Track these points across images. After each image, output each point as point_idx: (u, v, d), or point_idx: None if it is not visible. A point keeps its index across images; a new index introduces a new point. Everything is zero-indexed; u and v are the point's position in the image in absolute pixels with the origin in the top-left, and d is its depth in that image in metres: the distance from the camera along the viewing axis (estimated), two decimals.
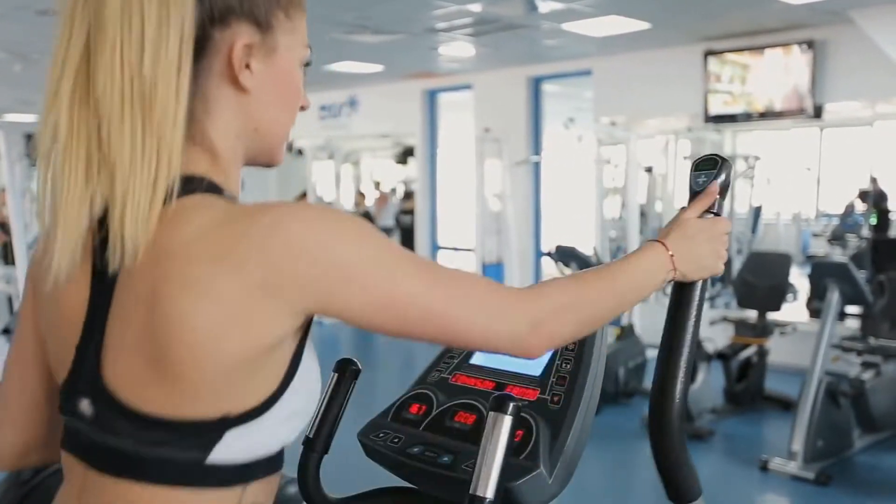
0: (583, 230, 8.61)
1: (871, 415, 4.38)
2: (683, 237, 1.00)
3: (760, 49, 6.67)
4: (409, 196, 10.11)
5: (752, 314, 5.44)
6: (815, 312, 4.94)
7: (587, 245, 7.47)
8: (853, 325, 5.31)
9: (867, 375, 4.41)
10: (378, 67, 8.37)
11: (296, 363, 0.80)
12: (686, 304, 1.04)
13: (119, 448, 0.77)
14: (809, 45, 6.36)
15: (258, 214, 0.75)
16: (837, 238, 9.31)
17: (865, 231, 7.57)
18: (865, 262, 5.62)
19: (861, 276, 4.53)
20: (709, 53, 6.91)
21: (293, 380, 0.80)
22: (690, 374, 1.03)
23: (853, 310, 4.81)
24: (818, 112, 6.45)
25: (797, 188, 9.61)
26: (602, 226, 8.04)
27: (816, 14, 5.94)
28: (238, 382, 0.76)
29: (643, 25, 6.29)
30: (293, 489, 1.13)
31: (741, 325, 5.41)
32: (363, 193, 10.46)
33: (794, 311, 6.14)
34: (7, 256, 7.90)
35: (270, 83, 0.84)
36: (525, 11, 5.96)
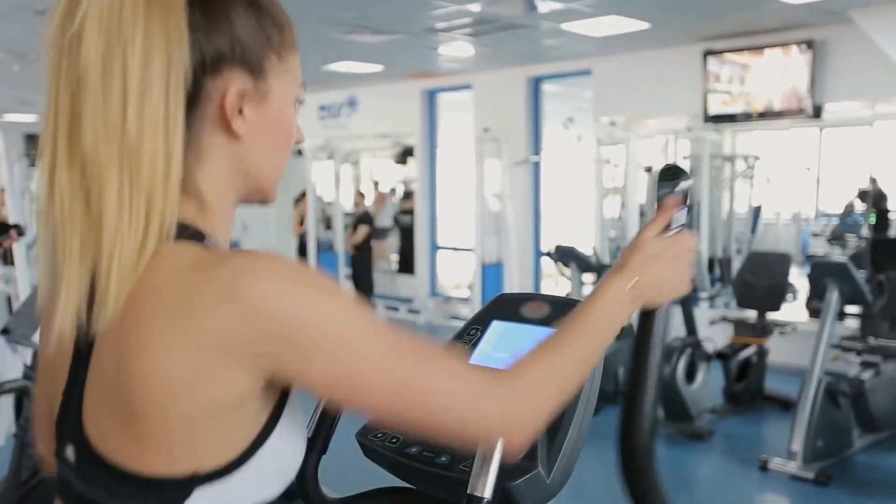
0: (582, 230, 8.61)
1: (871, 414, 4.38)
2: (644, 261, 0.94)
3: (760, 49, 6.67)
4: (409, 196, 10.11)
5: (752, 314, 5.44)
6: (815, 312, 4.93)
7: (587, 245, 7.47)
8: (853, 325, 5.31)
9: (867, 375, 4.41)
10: (377, 67, 8.36)
11: (274, 421, 0.77)
12: (651, 332, 0.99)
13: (96, 499, 0.76)
14: (809, 45, 6.36)
15: (219, 268, 0.73)
16: (837, 238, 9.30)
17: (865, 231, 7.57)
18: (865, 262, 5.63)
19: (860, 276, 4.53)
20: (708, 53, 6.90)
21: (269, 438, 0.77)
22: (658, 400, 0.98)
23: (853, 309, 4.81)
24: (817, 112, 6.45)
25: (797, 188, 9.60)
26: (602, 226, 8.04)
27: (816, 14, 5.94)
28: (204, 440, 0.74)
29: (643, 25, 6.29)
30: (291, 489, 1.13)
31: (741, 325, 5.41)
32: (363, 193, 10.45)
33: (794, 311, 6.14)
34: (6, 257, 7.89)
35: (263, 127, 0.83)
36: (524, 11, 5.95)
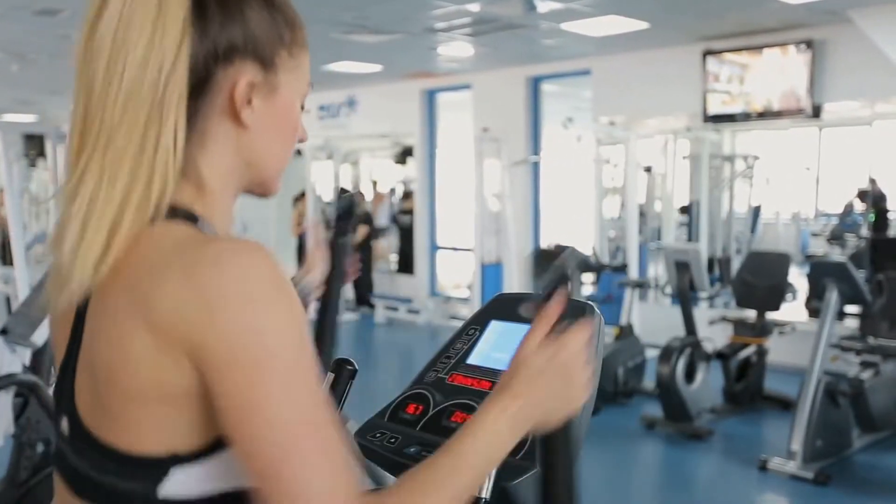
0: (582, 230, 8.61)
1: (870, 414, 4.38)
2: (527, 381, 0.83)
3: (759, 49, 6.67)
4: (408, 196, 10.11)
5: (752, 314, 5.44)
6: (814, 312, 4.93)
7: (586, 245, 7.48)
8: (852, 325, 5.31)
9: (866, 375, 4.41)
10: (377, 67, 8.36)
11: None
12: (555, 459, 0.87)
13: (83, 472, 0.77)
14: (808, 45, 6.36)
15: (199, 249, 0.73)
16: (836, 237, 9.31)
17: (864, 230, 7.57)
18: (864, 262, 5.62)
19: (860, 276, 4.53)
20: (707, 53, 6.90)
21: None
22: None
23: (852, 309, 4.81)
24: (817, 112, 6.45)
25: (796, 188, 9.61)
26: (601, 225, 8.04)
27: (815, 14, 5.95)
28: (174, 422, 0.73)
29: (642, 25, 6.29)
30: None
31: (740, 325, 5.40)
32: (362, 193, 10.45)
33: (793, 311, 6.14)
34: (5, 257, 7.90)
35: (270, 120, 0.84)
36: (524, 11, 5.95)
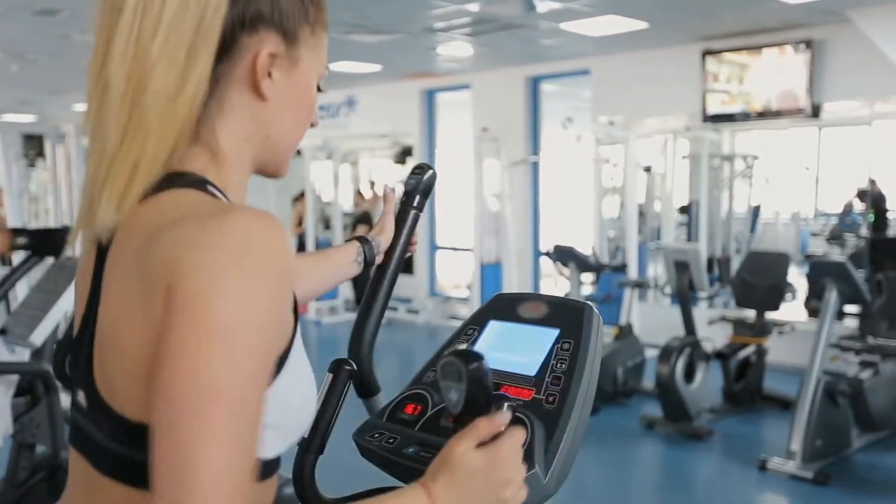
0: (581, 230, 8.61)
1: (870, 414, 4.38)
2: (451, 483, 0.80)
3: (758, 48, 6.67)
4: None
5: (751, 314, 5.43)
6: (814, 312, 4.93)
7: (586, 245, 7.48)
8: (851, 325, 5.31)
9: (865, 375, 4.41)
10: (376, 67, 8.36)
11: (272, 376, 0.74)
12: None
13: (103, 444, 0.76)
14: (807, 45, 6.36)
15: (209, 218, 0.71)
16: (836, 237, 9.31)
17: (864, 230, 7.57)
18: (864, 262, 5.62)
19: (859, 276, 4.53)
20: (707, 53, 6.90)
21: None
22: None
23: (851, 309, 4.80)
24: (816, 111, 6.45)
25: (796, 187, 9.61)
26: (601, 225, 8.04)
27: (814, 13, 5.95)
28: None
29: (641, 25, 6.29)
30: (289, 490, 1.12)
31: (740, 325, 5.40)
32: (362, 193, 10.45)
33: (793, 311, 6.14)
34: (4, 257, 7.89)
35: (288, 94, 0.85)
36: (523, 11, 5.95)
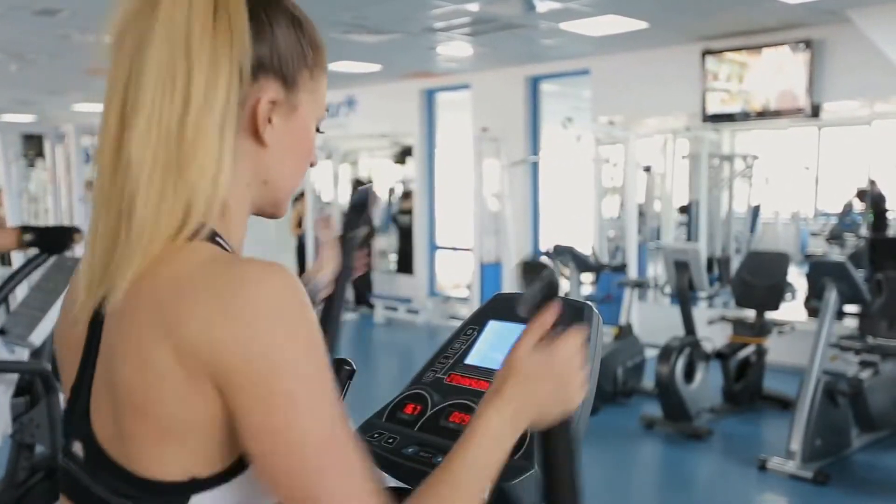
0: (581, 230, 8.61)
1: (870, 414, 4.37)
2: (520, 383, 0.83)
3: (758, 48, 6.67)
4: (408, 196, 10.11)
5: (751, 313, 5.43)
6: (814, 311, 4.93)
7: (585, 245, 7.48)
8: (851, 325, 5.30)
9: (865, 374, 4.41)
10: (376, 67, 8.36)
11: None
12: (555, 458, 0.88)
13: (99, 496, 0.76)
14: (807, 45, 6.36)
15: (228, 269, 0.73)
16: (836, 237, 9.31)
17: (864, 230, 7.57)
18: (863, 261, 5.62)
19: (859, 275, 4.53)
20: (706, 52, 6.90)
21: None
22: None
23: (851, 309, 4.80)
24: (816, 111, 6.45)
25: (795, 187, 9.61)
26: (600, 225, 8.04)
27: (814, 13, 5.94)
28: (194, 446, 0.73)
29: (641, 25, 6.28)
30: None
31: (739, 325, 5.40)
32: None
33: (793, 311, 6.14)
34: (4, 257, 7.89)
35: (288, 140, 0.85)
36: (523, 11, 5.95)
